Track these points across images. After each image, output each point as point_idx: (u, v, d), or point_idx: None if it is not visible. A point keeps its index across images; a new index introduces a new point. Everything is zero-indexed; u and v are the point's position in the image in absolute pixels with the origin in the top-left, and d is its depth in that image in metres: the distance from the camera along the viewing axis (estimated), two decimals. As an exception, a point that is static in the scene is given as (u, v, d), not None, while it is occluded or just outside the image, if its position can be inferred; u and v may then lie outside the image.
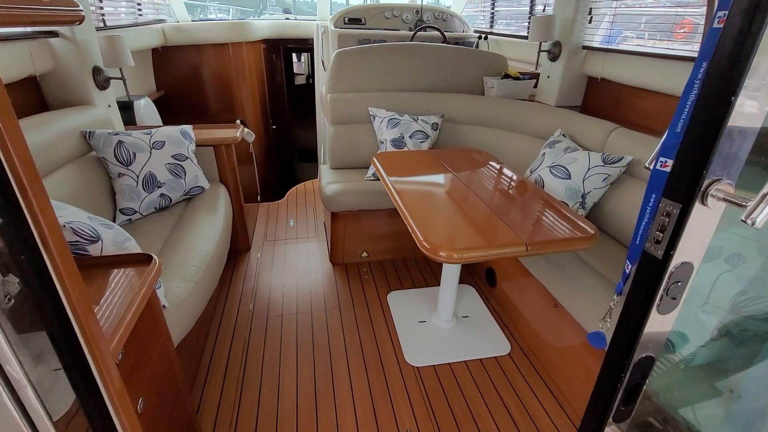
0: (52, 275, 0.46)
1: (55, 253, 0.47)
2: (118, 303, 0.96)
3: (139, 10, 3.30)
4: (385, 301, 2.37)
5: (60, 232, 0.48)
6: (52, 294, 0.46)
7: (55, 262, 0.47)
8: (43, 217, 0.45)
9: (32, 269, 0.43)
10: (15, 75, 1.73)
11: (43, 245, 0.45)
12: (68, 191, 1.73)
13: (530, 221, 1.58)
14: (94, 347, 0.55)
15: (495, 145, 2.72)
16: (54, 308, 0.47)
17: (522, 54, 3.48)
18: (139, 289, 1.02)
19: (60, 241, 0.47)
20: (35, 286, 0.45)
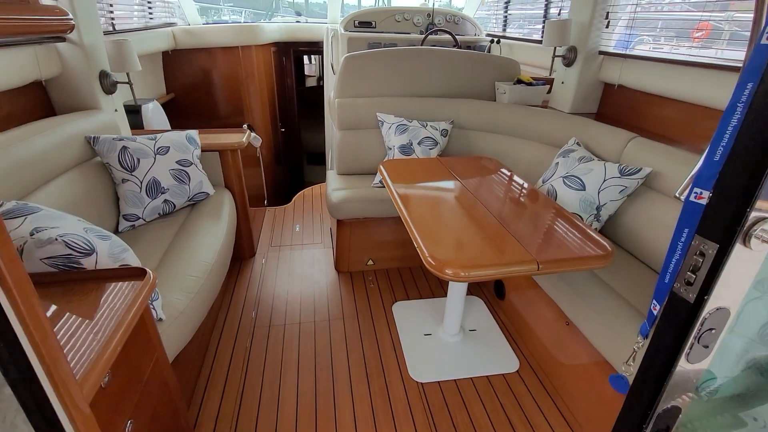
0: (10, 317, 0.42)
1: (14, 293, 0.42)
2: (106, 322, 0.92)
3: (150, 14, 3.31)
4: (390, 312, 2.31)
5: (20, 268, 0.43)
6: (10, 337, 0.42)
7: (15, 302, 0.42)
8: (3, 255, 0.41)
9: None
10: (20, 80, 1.72)
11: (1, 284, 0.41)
12: (71, 197, 1.71)
13: (542, 236, 1.50)
14: (65, 395, 0.50)
15: (506, 152, 2.64)
16: (12, 354, 0.42)
17: (535, 59, 3.39)
18: (129, 307, 0.98)
19: (20, 279, 0.43)
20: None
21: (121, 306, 0.98)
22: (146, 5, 3.25)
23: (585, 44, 2.50)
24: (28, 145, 1.53)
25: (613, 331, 1.45)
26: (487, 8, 4.56)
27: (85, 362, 0.81)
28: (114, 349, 0.88)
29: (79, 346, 0.85)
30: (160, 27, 3.34)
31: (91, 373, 0.80)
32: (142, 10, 3.21)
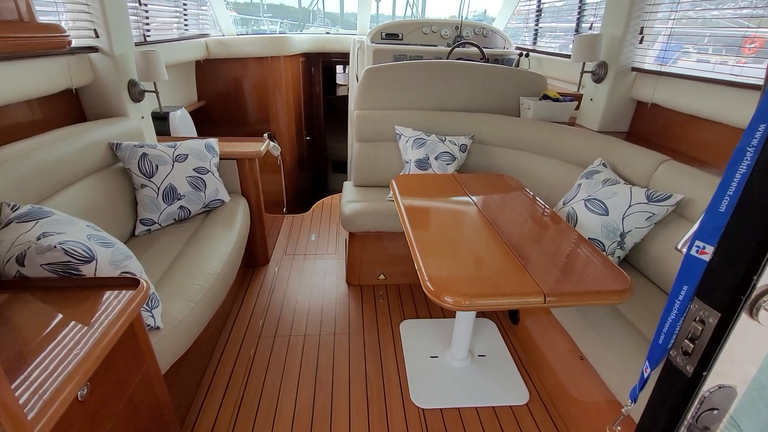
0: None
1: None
2: (92, 332, 0.93)
3: (186, 25, 3.45)
4: (397, 330, 2.24)
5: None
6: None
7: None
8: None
9: None
10: (52, 88, 1.82)
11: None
12: (91, 200, 1.78)
13: (554, 265, 1.41)
14: None
15: (527, 170, 2.53)
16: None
17: (564, 73, 3.27)
18: (117, 318, 0.98)
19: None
20: None
21: (110, 316, 0.99)
22: (182, 17, 3.40)
23: (616, 60, 2.37)
24: (51, 151, 1.61)
25: (629, 371, 1.32)
26: (518, 19, 4.46)
27: (60, 374, 0.81)
28: (94, 361, 0.88)
29: (60, 357, 0.86)
30: (194, 38, 3.48)
31: (65, 385, 0.79)
32: (179, 21, 3.36)
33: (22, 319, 0.99)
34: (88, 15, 1.95)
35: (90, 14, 1.95)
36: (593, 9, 3.11)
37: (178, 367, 1.56)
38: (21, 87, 1.64)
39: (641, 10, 2.26)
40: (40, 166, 1.53)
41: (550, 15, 3.86)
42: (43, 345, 0.90)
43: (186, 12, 3.42)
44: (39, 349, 0.88)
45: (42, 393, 0.75)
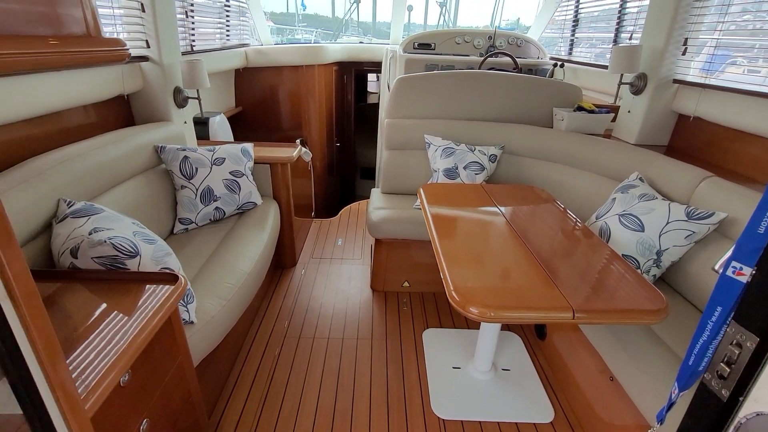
0: (13, 326, 0.46)
1: (21, 303, 0.47)
2: (135, 322, 0.99)
3: (228, 35, 3.63)
4: (420, 338, 2.24)
5: (28, 280, 0.48)
6: (13, 346, 0.46)
7: (21, 312, 0.47)
8: (11, 267, 0.45)
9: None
10: (107, 94, 1.96)
11: (10, 297, 0.45)
12: (136, 199, 1.89)
13: (585, 281, 1.37)
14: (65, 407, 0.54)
15: (559, 183, 2.48)
16: (13, 361, 0.46)
17: (600, 84, 3.19)
18: (157, 311, 1.04)
19: (28, 291, 0.47)
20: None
21: (151, 308, 1.05)
22: (225, 28, 3.58)
23: (657, 71, 2.29)
24: (104, 152, 1.73)
25: (662, 394, 1.27)
26: (554, 28, 4.40)
27: (107, 360, 0.87)
28: (136, 350, 0.94)
29: (105, 343, 0.92)
30: (235, 47, 3.65)
31: (110, 371, 0.86)
32: (221, 32, 3.54)
33: (73, 306, 1.08)
34: (142, 27, 2.10)
35: (143, 26, 2.09)
36: (633, 19, 3.03)
37: (208, 361, 1.62)
38: (82, 93, 1.79)
39: (685, 21, 2.18)
40: (94, 166, 1.65)
41: (587, 24, 3.78)
42: (90, 331, 0.97)
43: (228, 23, 3.59)
44: (87, 334, 0.96)
45: (90, 376, 0.82)
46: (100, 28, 1.02)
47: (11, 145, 1.53)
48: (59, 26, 0.95)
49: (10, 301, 0.47)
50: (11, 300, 0.47)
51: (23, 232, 1.30)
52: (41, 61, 0.83)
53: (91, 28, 0.97)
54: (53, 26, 0.94)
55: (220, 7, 3.45)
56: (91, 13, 1.00)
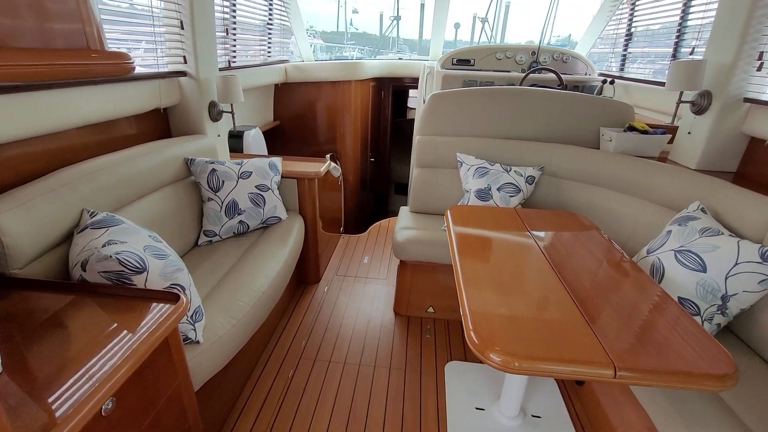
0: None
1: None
2: (126, 344, 0.95)
3: (269, 51, 3.74)
4: (442, 371, 2.07)
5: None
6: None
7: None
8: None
9: None
10: (146, 107, 2.03)
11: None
12: (163, 209, 1.92)
13: (629, 329, 1.18)
14: None
15: (605, 209, 2.25)
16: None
17: (656, 103, 2.91)
18: (153, 332, 0.99)
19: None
20: None
21: (146, 330, 1.01)
22: (267, 45, 3.69)
23: (724, 89, 2.03)
24: (134, 164, 1.77)
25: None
26: (605, 43, 4.14)
27: (87, 385, 0.82)
28: (123, 375, 0.89)
29: (98, 367, 0.88)
30: (275, 63, 3.75)
31: (89, 399, 0.80)
32: (263, 48, 3.65)
33: (76, 323, 1.06)
34: (181, 44, 2.17)
35: (182, 43, 2.17)
36: (696, 32, 2.76)
37: (216, 383, 1.57)
38: (123, 105, 1.86)
39: (759, 33, 1.92)
40: (122, 177, 1.69)
41: (643, 39, 3.51)
42: (83, 352, 0.93)
43: (270, 40, 3.70)
44: (79, 356, 0.92)
45: (66, 405, 0.77)
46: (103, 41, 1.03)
47: (47, 155, 1.59)
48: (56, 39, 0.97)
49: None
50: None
51: (45, 241, 1.32)
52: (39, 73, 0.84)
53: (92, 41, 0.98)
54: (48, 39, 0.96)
55: (263, 24, 3.57)
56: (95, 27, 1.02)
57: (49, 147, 1.59)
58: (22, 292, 1.17)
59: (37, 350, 0.95)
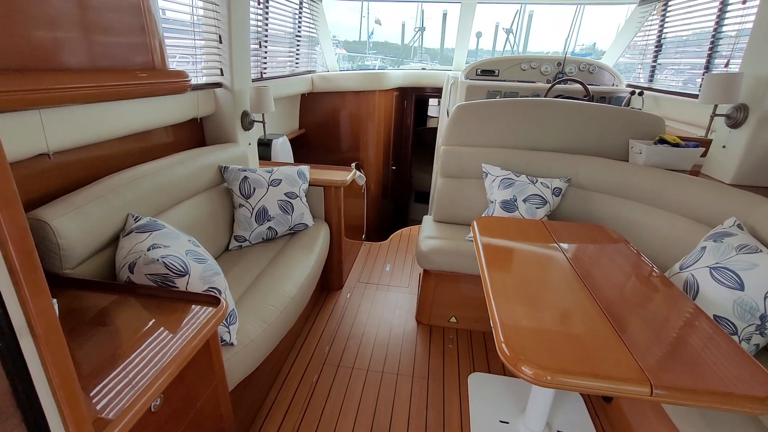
0: (30, 364, 0.45)
1: (43, 341, 0.46)
2: (173, 345, 1.00)
3: (297, 62, 3.85)
4: (465, 382, 2.07)
5: (51, 315, 0.47)
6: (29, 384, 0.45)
7: (41, 350, 0.46)
8: (35, 304, 0.45)
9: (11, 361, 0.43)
10: (184, 117, 2.13)
11: (32, 334, 0.45)
12: (197, 216, 2.00)
13: (662, 343, 1.16)
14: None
15: (635, 223, 2.22)
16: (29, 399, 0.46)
17: (688, 115, 2.86)
18: (196, 334, 1.04)
19: (50, 328, 0.47)
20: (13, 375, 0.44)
21: (191, 331, 1.06)
22: (295, 56, 3.80)
23: (762, 102, 1.98)
24: (173, 171, 1.86)
25: None
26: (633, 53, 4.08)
27: (139, 383, 0.87)
28: (171, 374, 0.94)
29: (144, 364, 0.93)
30: (302, 74, 3.85)
31: (142, 395, 0.85)
32: (291, 60, 3.76)
33: (123, 321, 1.12)
34: (218, 57, 2.27)
35: (219, 56, 2.27)
36: (731, 43, 2.70)
37: (244, 386, 1.62)
38: (162, 116, 1.96)
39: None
40: (163, 184, 1.78)
41: (673, 49, 3.45)
42: (132, 350, 0.99)
43: (299, 52, 3.81)
44: (127, 354, 0.98)
45: (120, 401, 0.82)
46: (165, 54, 1.11)
47: (97, 162, 1.69)
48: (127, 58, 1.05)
49: (31, 337, 0.46)
50: (32, 336, 0.46)
51: (93, 245, 1.40)
52: (107, 93, 0.92)
53: (156, 59, 1.05)
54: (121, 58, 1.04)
55: (292, 36, 3.68)
56: (158, 44, 1.09)
57: (96, 154, 1.69)
58: (74, 291, 1.25)
59: (89, 346, 1.01)
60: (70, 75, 0.92)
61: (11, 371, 0.44)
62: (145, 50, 1.05)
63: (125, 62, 1.05)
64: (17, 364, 0.44)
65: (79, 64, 0.93)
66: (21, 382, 0.45)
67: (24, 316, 0.45)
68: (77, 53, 0.94)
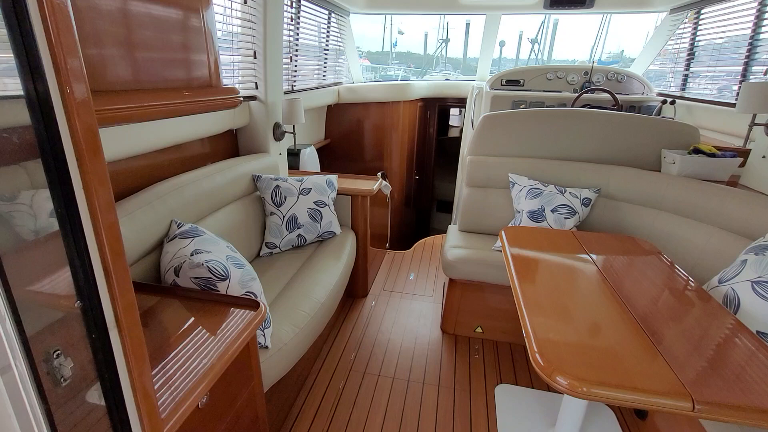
0: (117, 354, 0.50)
1: (126, 335, 0.51)
2: (217, 345, 1.05)
3: (324, 75, 3.97)
4: (492, 394, 2.05)
5: (135, 313, 0.53)
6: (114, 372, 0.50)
7: (125, 343, 0.51)
8: (122, 301, 0.50)
9: (101, 351, 0.48)
10: (220, 129, 2.24)
11: (117, 328, 0.50)
12: (231, 223, 2.08)
13: (701, 357, 1.13)
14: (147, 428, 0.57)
15: (666, 234, 2.16)
16: (112, 384, 0.51)
17: (724, 125, 2.77)
18: (238, 336, 1.09)
19: (133, 323, 0.52)
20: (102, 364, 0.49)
21: (233, 333, 1.11)
22: (322, 69, 3.92)
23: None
24: (212, 180, 1.96)
25: None
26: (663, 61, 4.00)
27: (189, 382, 0.92)
28: (216, 373, 0.99)
29: (189, 364, 0.98)
30: (329, 86, 3.96)
31: (191, 393, 0.90)
32: (319, 72, 3.88)
33: (168, 322, 1.18)
34: (254, 71, 2.38)
35: (255, 71, 2.37)
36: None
37: (273, 390, 1.66)
38: (201, 128, 2.07)
39: None
40: (202, 192, 1.87)
41: (707, 56, 3.36)
42: (180, 349, 1.05)
43: (326, 65, 3.93)
44: (177, 352, 1.03)
45: (173, 396, 0.87)
46: (219, 71, 1.19)
47: (143, 171, 1.80)
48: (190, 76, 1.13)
49: (117, 331, 0.51)
50: (118, 330, 0.51)
51: (141, 248, 1.49)
52: (171, 111, 1.00)
53: (213, 76, 1.13)
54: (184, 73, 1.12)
55: (320, 50, 3.80)
56: (214, 61, 1.17)
57: (143, 164, 1.80)
58: (124, 292, 1.33)
59: (141, 345, 1.08)
60: (150, 94, 1.01)
61: (101, 362, 0.49)
62: (204, 68, 1.13)
63: (188, 81, 1.14)
64: (107, 355, 0.49)
65: (153, 85, 1.02)
66: (109, 372, 0.50)
67: (113, 312, 0.50)
68: (152, 74, 1.03)
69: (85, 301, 0.46)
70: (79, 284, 0.46)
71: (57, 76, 0.39)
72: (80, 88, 0.41)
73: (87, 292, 0.46)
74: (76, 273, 0.45)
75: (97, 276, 0.47)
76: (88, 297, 0.46)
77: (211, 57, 1.16)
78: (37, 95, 0.39)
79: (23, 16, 0.36)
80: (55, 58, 0.38)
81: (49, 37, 0.37)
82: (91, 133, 0.43)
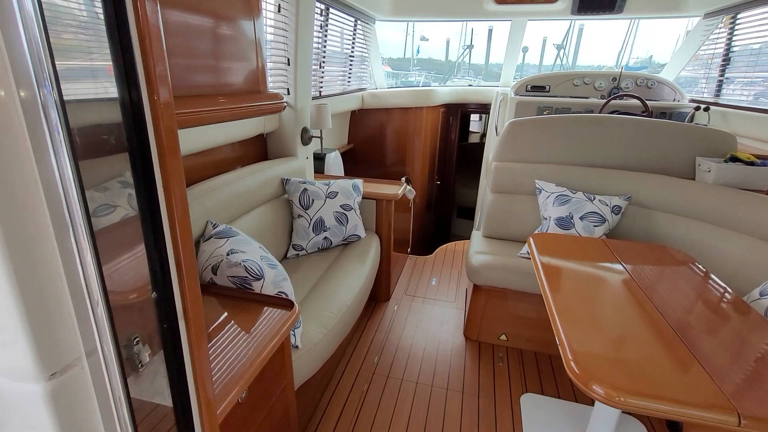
0: (185, 345, 0.53)
1: (192, 326, 0.54)
2: (255, 342, 1.08)
3: (349, 81, 4.03)
4: (518, 403, 2.02)
5: (200, 306, 0.56)
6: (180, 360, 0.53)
7: (191, 333, 0.54)
8: (190, 294, 0.53)
9: (170, 339, 0.51)
10: (251, 133, 2.30)
11: (185, 318, 0.53)
12: (261, 224, 2.14)
13: (745, 374, 1.09)
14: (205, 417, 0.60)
15: (701, 244, 2.10)
16: (179, 374, 0.54)
17: (763, 132, 2.68)
18: (275, 334, 1.12)
19: (198, 315, 0.55)
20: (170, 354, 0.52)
21: (270, 331, 1.14)
22: (347, 75, 3.98)
23: None
24: (244, 183, 2.02)
25: None
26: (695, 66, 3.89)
27: (230, 377, 0.95)
28: (255, 370, 1.02)
29: (229, 359, 1.02)
30: (354, 92, 4.02)
31: (232, 387, 0.93)
32: (344, 78, 3.94)
33: (208, 317, 1.23)
34: (285, 77, 2.45)
35: (286, 77, 2.44)
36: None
37: (301, 390, 1.69)
38: (237, 132, 2.14)
39: None
40: (235, 194, 1.93)
41: (743, 61, 3.26)
42: (220, 345, 1.08)
43: (351, 71, 3.99)
44: (217, 348, 1.07)
45: (219, 390, 0.90)
46: (266, 78, 1.24)
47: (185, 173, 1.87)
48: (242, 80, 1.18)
49: (184, 321, 0.54)
50: (185, 320, 0.54)
51: (179, 247, 1.55)
52: (226, 115, 1.05)
53: (261, 77, 1.18)
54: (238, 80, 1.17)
55: (346, 56, 3.87)
56: (261, 68, 1.22)
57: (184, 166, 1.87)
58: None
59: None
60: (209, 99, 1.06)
61: (169, 350, 0.52)
62: (254, 75, 1.19)
63: (240, 87, 1.19)
64: (176, 344, 0.52)
65: (213, 90, 1.07)
66: (176, 360, 0.53)
67: (182, 303, 0.53)
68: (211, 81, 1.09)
69: (159, 292, 0.50)
70: (156, 276, 0.49)
71: (147, 81, 0.42)
72: (165, 93, 0.44)
73: (162, 283, 0.50)
74: (153, 265, 0.48)
75: (171, 268, 0.50)
76: (162, 288, 0.50)
77: (259, 64, 1.22)
78: (130, 98, 0.42)
79: (124, 26, 0.40)
80: (147, 66, 0.42)
81: (143, 46, 0.41)
82: (172, 134, 0.46)
